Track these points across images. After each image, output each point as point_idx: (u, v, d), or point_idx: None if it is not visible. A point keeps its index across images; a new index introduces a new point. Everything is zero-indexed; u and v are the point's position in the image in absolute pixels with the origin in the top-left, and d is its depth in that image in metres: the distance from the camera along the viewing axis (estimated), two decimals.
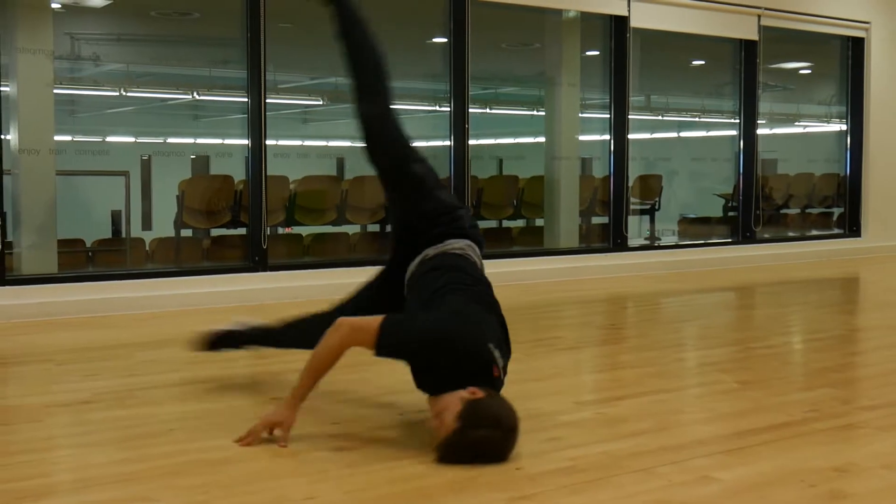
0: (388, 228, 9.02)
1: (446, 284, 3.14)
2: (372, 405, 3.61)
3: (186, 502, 2.55)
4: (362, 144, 3.57)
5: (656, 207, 10.38)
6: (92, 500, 2.56)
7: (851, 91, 10.77)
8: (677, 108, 15.26)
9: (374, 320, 2.98)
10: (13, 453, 3.03)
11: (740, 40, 9.68)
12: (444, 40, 7.91)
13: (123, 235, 8.04)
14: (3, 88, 6.10)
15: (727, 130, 10.38)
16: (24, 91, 6.45)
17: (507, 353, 3.10)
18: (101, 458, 2.97)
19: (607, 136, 8.88)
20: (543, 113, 9.38)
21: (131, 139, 14.32)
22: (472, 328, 3.01)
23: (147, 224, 8.37)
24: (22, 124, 6.43)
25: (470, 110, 7.84)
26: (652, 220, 10.32)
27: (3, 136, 6.11)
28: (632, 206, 9.24)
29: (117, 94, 12.75)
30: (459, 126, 7.78)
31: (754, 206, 9.88)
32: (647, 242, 9.94)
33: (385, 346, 2.96)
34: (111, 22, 10.57)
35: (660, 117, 14.60)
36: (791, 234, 10.95)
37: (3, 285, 5.99)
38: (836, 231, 10.98)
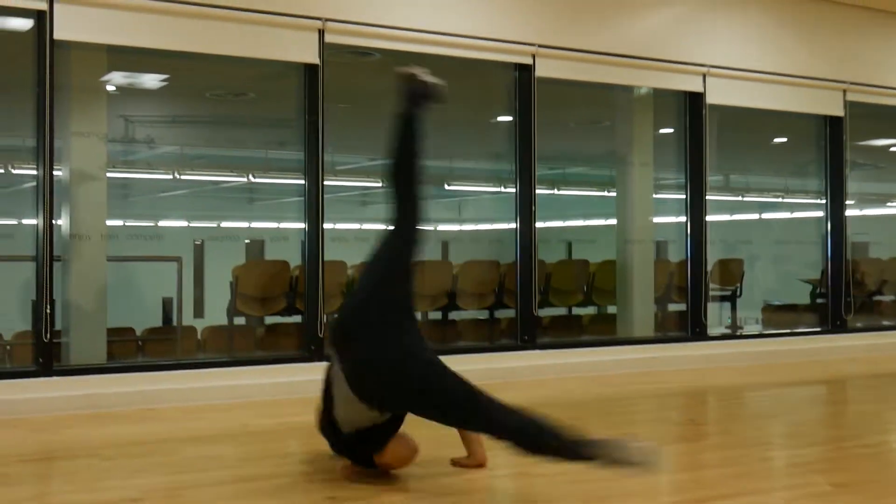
0: (451, 315, 9.10)
1: None
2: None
3: None
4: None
5: (738, 294, 10.26)
6: None
7: None
8: (758, 189, 15.18)
9: None
10: None
11: (825, 116, 9.64)
12: (510, 119, 8.00)
13: (175, 324, 8.15)
14: (56, 172, 6.26)
15: (813, 212, 10.27)
16: (77, 175, 6.64)
17: None
18: None
19: (683, 218, 8.84)
20: (615, 194, 9.38)
21: (184, 223, 14.62)
22: None
23: (199, 311, 8.48)
24: (74, 209, 6.60)
25: (537, 191, 7.87)
26: (733, 308, 10.19)
27: (54, 222, 6.25)
28: (711, 293, 9.14)
29: (171, 177, 13.08)
30: (526, 208, 7.81)
31: (844, 293, 9.71)
32: (729, 331, 9.79)
33: None
34: (165, 104, 10.89)
35: (740, 198, 14.53)
36: (886, 322, 10.70)
37: (51, 376, 6.10)
38: None
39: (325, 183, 7.09)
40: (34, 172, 6.26)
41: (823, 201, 9.82)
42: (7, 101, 8.76)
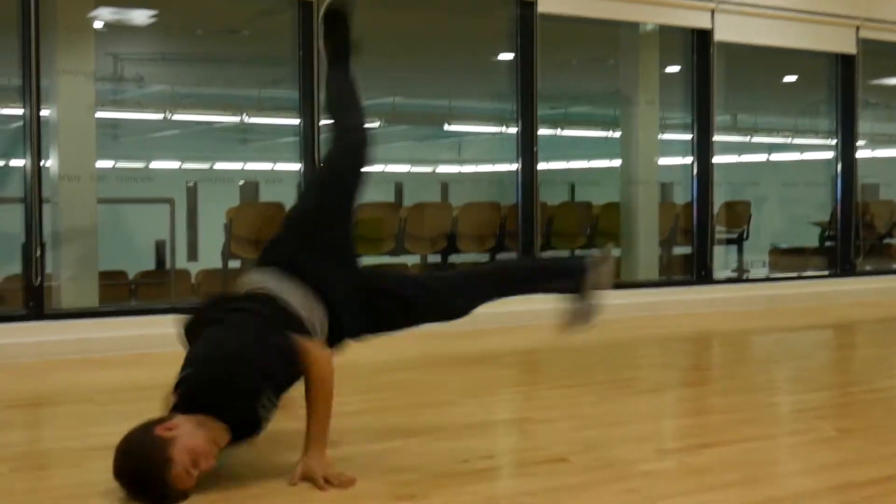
0: (451, 258, 9.10)
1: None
2: (434, 453, 3.60)
3: None
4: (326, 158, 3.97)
5: (744, 237, 10.27)
6: None
7: None
8: (767, 129, 15.14)
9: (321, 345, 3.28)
10: (48, 500, 3.09)
11: (837, 54, 9.56)
12: (511, 57, 7.94)
13: (168, 267, 8.18)
14: (43, 112, 6.23)
15: (822, 153, 10.25)
16: (65, 115, 6.60)
17: None
18: None
19: (690, 159, 8.81)
20: (619, 134, 9.34)
21: (176, 165, 14.59)
22: None
23: (193, 255, 8.50)
24: (62, 150, 6.58)
25: (539, 132, 7.83)
26: (740, 251, 10.20)
27: (42, 163, 6.23)
28: (717, 236, 9.14)
29: (161, 117, 13.02)
30: (528, 148, 7.78)
31: (854, 236, 9.70)
32: (735, 275, 9.81)
33: None
34: (155, 41, 10.80)
35: (747, 139, 14.50)
36: (895, 266, 10.73)
37: (42, 320, 6.12)
38: None
39: (321, 122, 7.05)
40: (20, 112, 6.22)
41: (834, 142, 9.78)
42: None
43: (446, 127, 14.24)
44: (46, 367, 5.61)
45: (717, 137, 8.85)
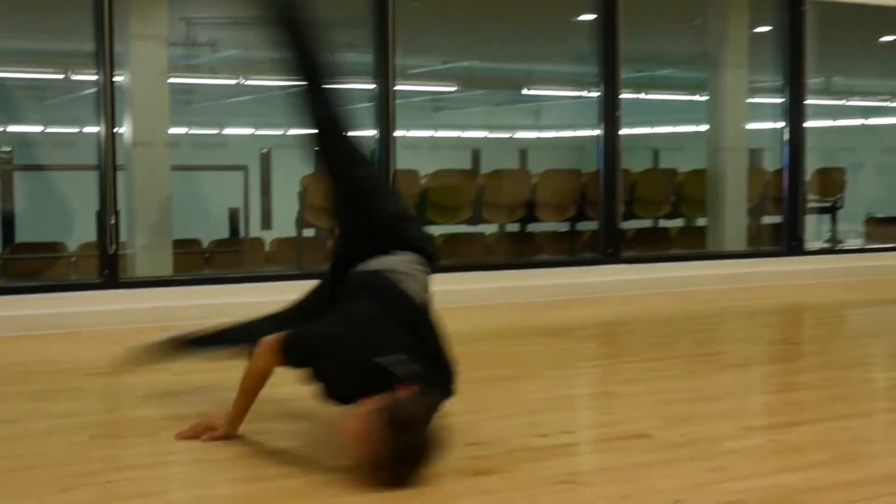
0: (529, 227, 9.09)
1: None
2: (512, 427, 3.61)
3: None
4: (315, 146, 3.88)
5: (838, 205, 10.08)
6: None
7: None
8: (863, 92, 14.80)
9: (280, 336, 3.25)
10: (126, 469, 3.16)
11: None
12: (593, 17, 7.87)
13: (242, 235, 8.27)
14: (116, 78, 6.32)
15: None
16: (138, 80, 6.70)
17: (432, 379, 3.09)
18: (219, 477, 3.06)
19: (781, 124, 8.67)
20: (706, 98, 9.22)
21: (250, 131, 14.75)
22: (360, 335, 3.12)
23: (267, 223, 8.58)
24: (136, 116, 6.68)
25: (621, 95, 7.76)
26: (833, 220, 10.03)
27: (116, 130, 6.34)
28: (809, 204, 8.99)
29: (235, 82, 13.15)
30: (609, 113, 7.72)
31: None
32: (828, 246, 9.66)
33: (289, 359, 3.24)
34: (228, 5, 10.88)
35: (843, 102, 14.19)
36: None
37: (117, 288, 6.25)
38: None
39: (396, 87, 7.07)
40: (94, 78, 6.33)
41: None
42: (64, 3, 8.85)
43: (525, 91, 14.17)
44: (122, 336, 5.72)
45: (809, 101, 8.70)
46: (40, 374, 4.76)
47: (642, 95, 13.10)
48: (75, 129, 12.63)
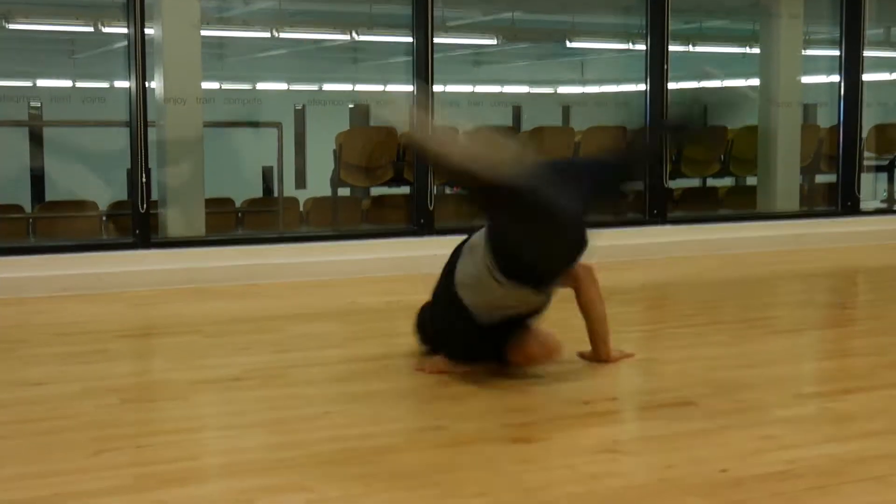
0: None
1: None
2: (555, 394, 3.62)
3: (344, 494, 2.62)
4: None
5: None
6: (240, 487, 2.67)
7: None
8: None
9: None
10: (157, 433, 3.20)
11: None
12: None
13: (276, 195, 8.30)
14: (147, 31, 6.34)
15: None
16: (170, 33, 6.70)
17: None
18: (251, 442, 3.09)
19: (836, 78, 8.56)
20: (758, 51, 9.11)
21: (284, 86, 14.74)
22: None
23: (301, 182, 8.63)
24: (167, 71, 6.69)
25: (670, 48, 7.69)
26: (891, 180, 9.92)
27: (147, 84, 6.36)
28: (866, 163, 8.89)
29: (268, 35, 13.13)
30: (657, 67, 7.66)
31: None
32: (885, 206, 9.55)
33: None
34: None
35: None
36: None
37: (148, 248, 6.31)
38: None
39: (435, 41, 7.03)
40: (125, 31, 6.35)
41: None
42: None
43: (568, 44, 14.02)
44: (154, 297, 5.79)
45: (867, 53, 8.58)
46: (71, 335, 4.81)
47: (691, 48, 12.95)
48: (105, 84, 12.67)
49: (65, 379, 3.89)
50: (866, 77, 8.56)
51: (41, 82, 13.85)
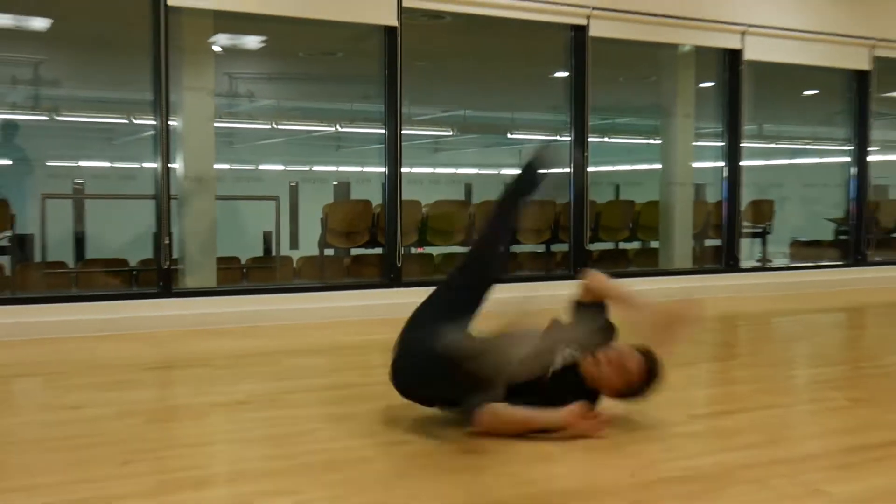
0: (513, 248, 9.07)
1: None
2: None
3: (327, 496, 2.60)
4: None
5: (768, 231, 10.09)
6: (244, 492, 2.64)
7: None
8: (789, 137, 14.83)
9: None
10: (177, 447, 3.16)
11: (853, 70, 9.34)
12: (566, 74, 7.89)
13: (274, 254, 8.26)
14: (171, 123, 6.34)
15: (839, 157, 10.01)
16: (189, 125, 6.71)
17: None
18: (253, 454, 3.06)
19: (721, 163, 8.68)
20: (659, 141, 9.23)
21: (281, 167, 14.76)
22: None
23: (295, 244, 8.58)
24: (187, 154, 6.69)
25: (589, 139, 7.78)
26: (764, 243, 10.03)
27: (170, 165, 6.35)
28: (744, 230, 9.00)
29: (269, 126, 13.18)
30: (580, 154, 7.73)
31: (865, 231, 9.49)
32: (759, 264, 9.65)
33: None
34: (264, 62, 10.94)
35: (772, 145, 14.22)
36: None
37: (170, 297, 6.25)
38: None
39: (403, 132, 7.08)
40: (153, 123, 6.35)
41: (849, 148, 9.56)
42: (128, 60, 8.87)
43: (509, 135, 14.18)
44: (173, 337, 5.73)
45: (745, 144, 8.71)
46: (105, 367, 4.75)
47: (606, 139, 13.12)
48: (137, 165, 12.63)
49: (98, 403, 3.83)
50: (744, 163, 8.69)
51: (84, 163, 13.79)
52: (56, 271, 7.94)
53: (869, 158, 9.52)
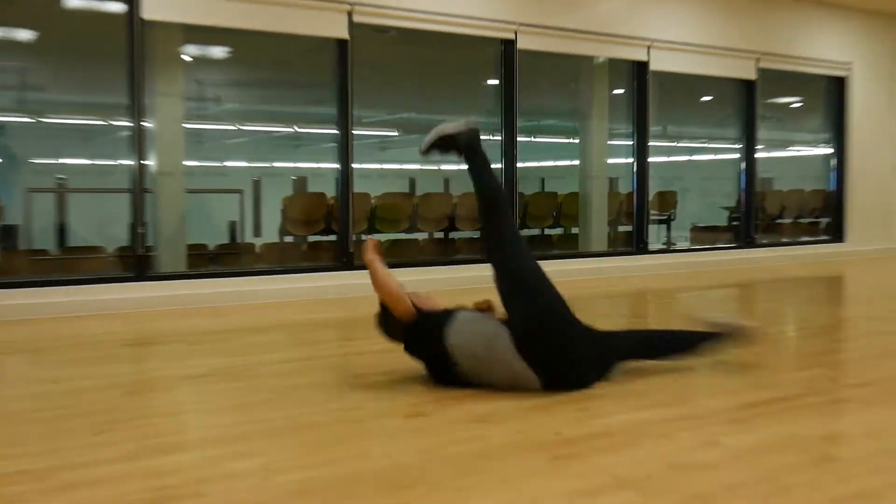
0: (451, 235, 9.06)
1: None
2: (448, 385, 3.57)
3: (286, 456, 2.55)
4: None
5: (672, 218, 10.22)
6: (212, 455, 2.57)
7: (835, 121, 10.49)
8: (689, 136, 15.06)
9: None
10: (151, 416, 3.07)
11: (742, 80, 9.49)
12: (497, 82, 7.88)
13: (238, 241, 8.14)
14: (145, 124, 6.19)
15: (730, 154, 10.17)
16: (161, 126, 6.55)
17: None
18: (221, 421, 2.98)
19: (631, 160, 8.76)
20: (578, 141, 9.29)
21: (245, 164, 14.53)
22: None
23: (257, 232, 8.46)
24: (159, 152, 6.53)
25: (518, 139, 7.78)
26: (668, 229, 10.16)
27: (144, 162, 6.20)
28: (651, 217, 9.10)
29: (234, 127, 12.96)
30: (509, 152, 7.73)
31: (754, 217, 9.67)
32: (665, 247, 9.78)
33: None
34: (230, 70, 10.73)
35: (674, 144, 14.42)
36: (784, 240, 10.69)
37: (144, 281, 6.11)
38: (822, 237, 10.70)
39: (354, 132, 7.01)
40: (128, 124, 6.18)
41: (739, 146, 9.72)
42: (106, 68, 8.63)
43: None
44: (147, 316, 5.60)
45: (651, 143, 8.80)
46: (84, 344, 4.62)
47: (532, 139, 13.15)
48: (114, 162, 12.33)
49: (76, 377, 3.72)
50: (651, 159, 8.78)
51: (65, 160, 13.40)
52: (40, 258, 7.71)
53: (756, 155, 9.69)
